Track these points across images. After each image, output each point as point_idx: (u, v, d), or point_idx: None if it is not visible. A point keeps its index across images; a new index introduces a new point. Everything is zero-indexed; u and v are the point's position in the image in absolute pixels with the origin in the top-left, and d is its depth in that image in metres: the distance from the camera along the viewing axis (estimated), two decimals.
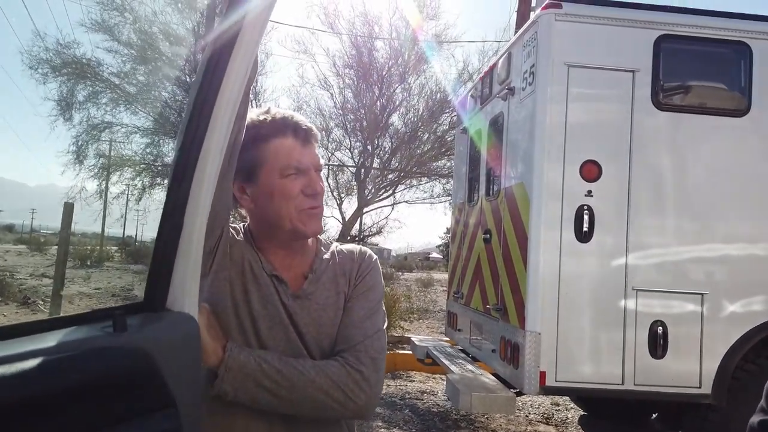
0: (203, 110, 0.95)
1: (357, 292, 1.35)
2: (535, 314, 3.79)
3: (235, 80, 0.99)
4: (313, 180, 1.29)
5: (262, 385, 1.15)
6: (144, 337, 0.82)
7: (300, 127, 1.29)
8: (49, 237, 46.41)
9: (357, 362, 1.24)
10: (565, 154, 3.87)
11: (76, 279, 15.44)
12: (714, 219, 3.97)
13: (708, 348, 3.81)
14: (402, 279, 23.50)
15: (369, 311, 1.34)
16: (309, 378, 1.18)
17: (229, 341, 1.18)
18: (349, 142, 11.08)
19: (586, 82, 3.94)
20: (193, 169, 0.94)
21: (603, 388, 3.81)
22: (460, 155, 6.42)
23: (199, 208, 0.95)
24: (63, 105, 10.03)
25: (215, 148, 0.97)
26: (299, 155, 1.27)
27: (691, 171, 3.99)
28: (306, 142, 1.29)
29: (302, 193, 1.27)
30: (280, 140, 1.27)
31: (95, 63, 9.86)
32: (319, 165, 1.31)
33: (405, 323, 10.12)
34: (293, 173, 1.26)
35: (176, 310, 0.92)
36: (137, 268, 22.15)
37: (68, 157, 11.04)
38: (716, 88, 4.18)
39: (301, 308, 1.30)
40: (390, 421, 5.46)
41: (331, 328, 1.31)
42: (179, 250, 0.93)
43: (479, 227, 5.16)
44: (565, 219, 3.84)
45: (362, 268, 1.39)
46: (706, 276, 3.90)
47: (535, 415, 6.00)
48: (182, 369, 0.87)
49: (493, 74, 5.01)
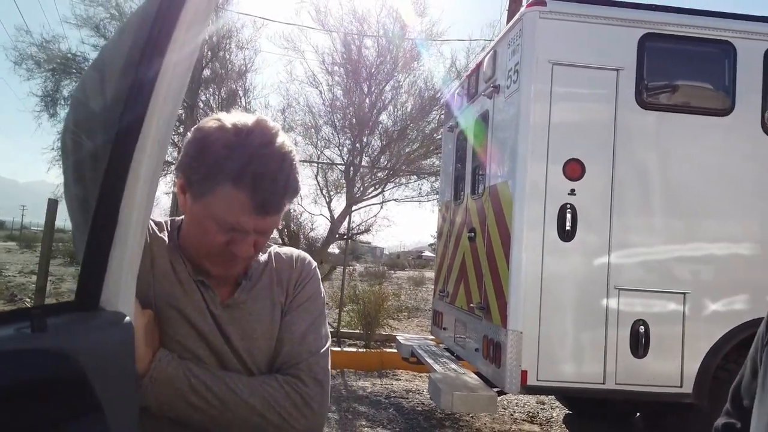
0: (141, 95, 0.90)
1: (296, 303, 1.22)
2: (517, 313, 3.77)
3: (176, 67, 0.94)
4: (245, 243, 1.09)
5: (189, 401, 1.05)
6: (67, 338, 0.78)
7: (257, 184, 1.04)
8: (39, 234, 46.04)
9: (298, 383, 1.13)
10: (549, 152, 3.85)
11: (65, 276, 15.31)
12: (697, 218, 3.96)
13: (689, 348, 3.80)
14: (394, 277, 23.48)
15: (310, 324, 1.21)
16: (242, 398, 1.08)
17: (161, 350, 1.06)
18: (338, 139, 11.04)
19: (571, 81, 3.92)
20: (130, 158, 0.89)
21: (584, 388, 3.80)
22: (447, 153, 6.39)
23: (136, 199, 0.91)
24: (48, 101, 9.94)
25: (154, 136, 0.92)
26: (242, 220, 1.07)
27: (675, 170, 3.98)
28: (260, 210, 1.06)
29: (226, 246, 1.09)
30: (226, 189, 1.04)
31: (81, 58, 9.79)
32: (265, 230, 1.11)
33: (394, 322, 10.09)
34: (226, 228, 1.08)
35: (110, 310, 0.88)
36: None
37: (53, 153, 10.94)
38: (700, 87, 4.18)
39: (231, 318, 1.16)
40: (374, 419, 5.43)
41: (264, 341, 1.18)
42: (114, 245, 0.88)
43: (465, 226, 5.13)
44: (548, 218, 3.82)
45: (302, 276, 1.26)
46: (688, 275, 3.90)
47: (520, 414, 5.99)
48: (112, 372, 0.83)
49: (480, 72, 4.98)
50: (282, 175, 1.06)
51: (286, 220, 11.14)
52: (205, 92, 11.00)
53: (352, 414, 5.55)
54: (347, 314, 9.51)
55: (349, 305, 10.27)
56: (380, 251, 48.34)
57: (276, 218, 1.10)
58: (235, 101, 11.00)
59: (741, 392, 1.15)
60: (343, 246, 13.03)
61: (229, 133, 1.06)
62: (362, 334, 8.60)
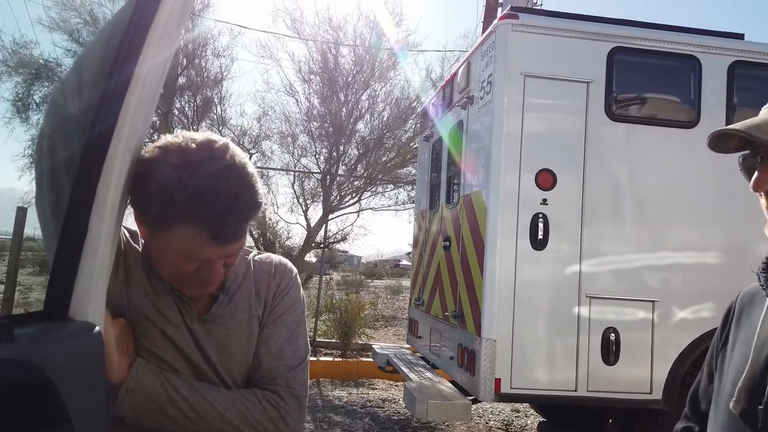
0: (113, 102, 0.90)
1: (274, 315, 1.20)
2: (491, 321, 3.81)
3: (148, 74, 0.95)
4: (214, 270, 1.07)
5: (165, 412, 1.04)
6: (35, 348, 0.77)
7: (220, 225, 1.00)
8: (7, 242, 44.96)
9: (276, 398, 1.12)
10: (521, 162, 3.91)
11: (34, 286, 14.95)
12: (665, 228, 4.06)
13: (658, 354, 3.88)
14: (371, 286, 23.44)
15: (288, 337, 1.19)
16: (219, 411, 1.06)
17: (138, 360, 1.05)
18: (315, 148, 11.04)
19: (542, 92, 3.99)
20: (101, 166, 0.89)
21: (557, 395, 3.85)
22: (423, 163, 6.44)
23: (107, 207, 0.91)
24: (19, 106, 9.75)
25: (126, 144, 0.93)
26: (205, 253, 1.03)
27: (644, 181, 4.07)
28: (224, 243, 1.02)
29: (196, 273, 1.07)
30: (185, 230, 0.99)
31: (53, 64, 9.63)
32: (233, 255, 1.08)
33: (371, 331, 10.08)
34: (192, 260, 1.05)
35: (78, 319, 0.88)
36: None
37: (25, 160, 10.72)
38: (667, 100, 4.29)
39: (208, 333, 1.14)
40: (350, 429, 5.41)
41: (240, 356, 1.16)
42: (84, 254, 0.88)
43: (440, 234, 5.17)
44: (520, 227, 3.88)
45: (280, 287, 1.23)
46: (657, 284, 3.98)
47: (495, 422, 6.02)
48: (81, 382, 0.83)
49: (454, 83, 5.04)
50: (239, 202, 1.00)
51: (261, 230, 11.07)
52: (180, 99, 10.90)
53: (327, 424, 5.52)
54: (324, 323, 9.48)
55: (325, 314, 10.23)
56: (357, 260, 48.24)
57: (242, 241, 1.07)
58: (211, 109, 10.92)
59: (699, 396, 1.19)
60: (319, 255, 12.99)
61: (174, 168, 0.99)
62: (338, 343, 8.57)
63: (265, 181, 11.41)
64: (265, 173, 11.14)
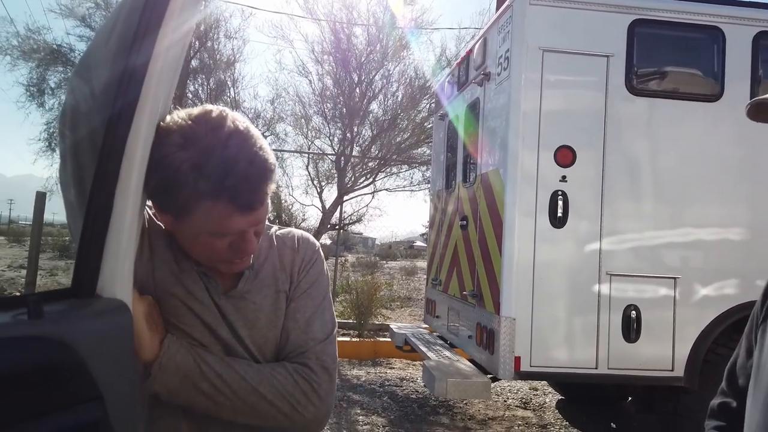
0: (133, 78, 0.89)
1: (300, 290, 1.20)
2: (510, 300, 3.79)
3: (168, 51, 0.93)
4: (246, 240, 1.06)
5: (199, 388, 1.04)
6: (65, 325, 0.77)
7: (242, 192, 0.99)
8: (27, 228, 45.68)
9: (306, 371, 1.12)
10: (540, 139, 3.85)
11: (55, 270, 15.20)
12: (687, 204, 3.99)
13: (680, 332, 3.84)
14: (386, 267, 23.50)
15: (315, 310, 1.19)
16: (251, 385, 1.06)
17: (168, 336, 1.05)
18: (329, 129, 10.99)
19: (561, 67, 3.91)
20: (124, 143, 0.88)
21: (577, 373, 3.83)
22: (438, 142, 6.39)
23: (131, 185, 0.90)
24: (33, 91, 9.81)
25: (148, 121, 0.91)
26: (233, 224, 1.02)
27: (665, 156, 4.00)
28: (248, 209, 1.01)
29: (230, 248, 1.06)
30: (206, 204, 0.99)
31: (66, 49, 9.65)
32: (260, 221, 1.07)
33: (387, 311, 10.12)
34: (222, 235, 1.05)
35: (106, 297, 0.87)
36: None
37: (40, 144, 10.82)
38: (690, 74, 4.19)
39: (236, 309, 1.14)
40: (368, 408, 5.46)
41: (269, 331, 1.16)
42: (109, 232, 0.88)
43: (456, 214, 5.14)
44: (539, 205, 3.83)
45: (305, 261, 1.23)
46: (678, 261, 3.93)
47: (513, 400, 6.04)
48: (111, 358, 0.83)
49: (470, 60, 4.97)
50: (253, 167, 0.99)
51: (277, 212, 11.11)
52: (193, 83, 10.90)
53: (347, 402, 5.57)
54: (340, 304, 9.54)
55: (341, 295, 10.29)
56: (372, 242, 48.31)
57: (266, 205, 1.06)
58: (224, 92, 10.90)
59: (736, 372, 1.16)
60: (334, 236, 13.02)
61: (179, 148, 0.97)
62: (355, 323, 8.62)
63: (280, 164, 11.43)
64: (280, 156, 11.14)
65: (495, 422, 5.30)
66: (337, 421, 5.04)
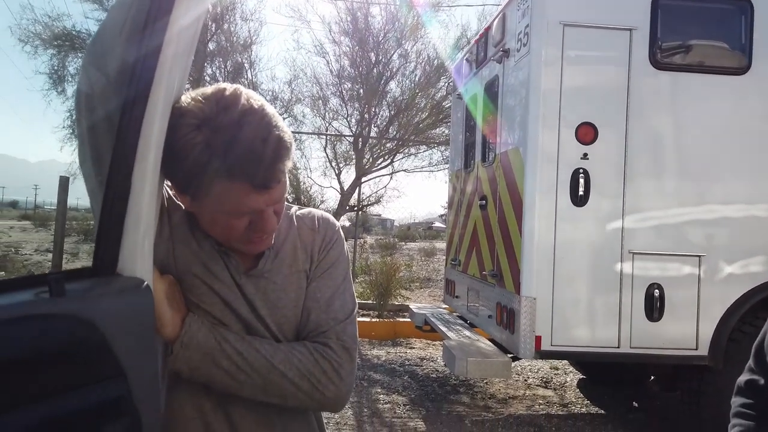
0: (148, 59, 0.88)
1: (320, 270, 1.19)
2: (531, 279, 3.77)
3: (182, 32, 0.92)
4: (265, 219, 1.05)
5: (220, 366, 1.04)
6: (86, 303, 0.78)
7: (257, 171, 0.98)
8: (52, 213, 46.70)
9: (327, 350, 1.12)
10: (561, 117, 3.79)
11: (80, 253, 15.52)
12: (712, 180, 3.90)
13: (705, 310, 3.79)
14: (405, 249, 23.54)
15: (336, 290, 1.19)
16: (272, 363, 1.07)
17: (190, 314, 1.05)
18: (347, 111, 10.95)
19: (582, 42, 3.83)
20: (140, 124, 0.88)
21: (599, 352, 3.81)
22: (457, 121, 6.33)
23: (149, 165, 0.90)
24: (55, 78, 9.91)
25: (164, 101, 0.91)
26: (251, 203, 1.02)
27: (690, 132, 3.91)
28: (263, 187, 1.00)
29: (249, 227, 1.06)
30: (225, 185, 0.99)
31: (85, 34, 9.71)
32: (278, 200, 1.06)
33: (406, 292, 10.15)
34: (241, 215, 1.05)
35: (127, 275, 0.88)
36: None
37: (64, 132, 10.95)
38: (716, 46, 4.07)
39: (256, 288, 1.13)
40: (389, 387, 5.50)
41: (290, 310, 1.16)
42: (129, 212, 0.88)
43: (475, 194, 5.11)
44: (560, 183, 3.78)
45: (325, 240, 1.22)
46: (703, 238, 3.86)
47: (533, 380, 6.04)
48: (132, 336, 0.83)
49: (488, 36, 4.89)
50: (268, 144, 0.98)
51: (296, 194, 11.15)
52: (210, 65, 10.91)
53: (367, 382, 5.63)
54: (359, 285, 9.58)
55: (361, 276, 10.34)
56: (390, 223, 48.37)
57: (284, 183, 1.05)
58: (242, 74, 10.90)
59: (764, 349, 1.14)
60: (353, 218, 13.05)
61: (194, 129, 0.97)
62: (375, 304, 8.67)
63: (298, 146, 11.44)
64: (298, 137, 11.14)
65: (516, 401, 5.31)
66: (357, 399, 5.09)
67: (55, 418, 0.71)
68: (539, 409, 5.11)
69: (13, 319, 0.68)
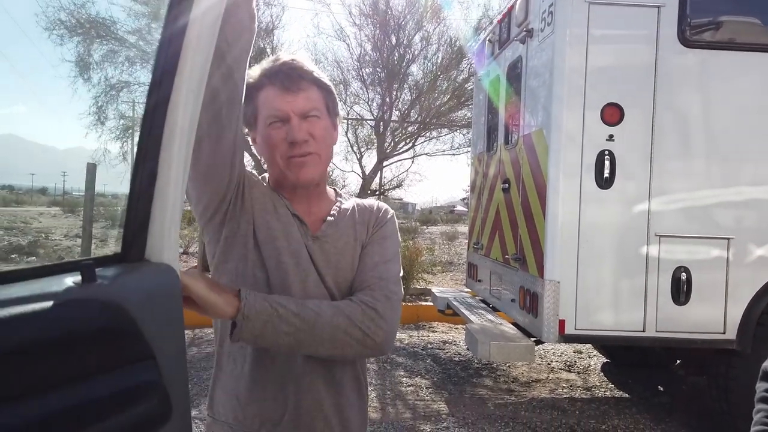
0: (171, 45, 0.89)
1: (373, 239, 1.37)
2: (554, 263, 3.74)
3: (205, 16, 0.93)
4: (293, 128, 1.28)
5: (281, 330, 1.15)
6: (116, 288, 0.79)
7: (276, 73, 1.29)
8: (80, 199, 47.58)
9: (372, 300, 1.24)
10: (586, 97, 3.72)
11: (108, 239, 15.82)
12: (742, 162, 3.81)
13: (733, 294, 3.72)
14: (427, 233, 23.50)
15: (383, 258, 1.34)
16: (326, 319, 1.18)
17: (243, 289, 1.15)
18: (368, 95, 10.89)
19: (608, 20, 3.74)
20: (165, 111, 0.89)
21: (624, 336, 3.78)
22: (479, 104, 6.26)
23: (174, 152, 0.91)
24: (81, 66, 10.02)
25: (188, 88, 0.92)
26: (278, 104, 1.28)
27: (719, 112, 3.81)
28: (285, 89, 1.28)
29: (285, 141, 1.28)
30: (263, 91, 1.30)
31: (109, 21, 9.79)
32: (303, 110, 1.29)
33: (428, 276, 10.16)
34: (275, 122, 1.29)
35: (155, 261, 0.90)
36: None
37: (90, 118, 11.10)
38: (748, 23, 3.94)
39: (321, 250, 1.31)
40: (412, 370, 5.54)
41: (349, 272, 1.32)
42: (155, 199, 0.89)
43: (498, 177, 5.06)
44: (585, 165, 3.73)
45: (380, 218, 1.41)
46: (732, 221, 3.78)
47: (557, 363, 6.02)
48: (160, 320, 0.85)
49: (511, 16, 4.80)
50: (294, 63, 1.30)
51: None
52: None
53: (390, 365, 5.67)
54: None
55: None
56: (412, 207, 48.27)
57: (304, 96, 1.29)
58: (264, 58, 10.89)
59: None
60: None
61: (248, 77, 1.28)
62: None
63: None
64: None
65: (539, 384, 5.31)
66: (380, 382, 5.14)
67: (92, 399, 0.73)
68: (562, 393, 5.10)
69: (49, 305, 0.70)
